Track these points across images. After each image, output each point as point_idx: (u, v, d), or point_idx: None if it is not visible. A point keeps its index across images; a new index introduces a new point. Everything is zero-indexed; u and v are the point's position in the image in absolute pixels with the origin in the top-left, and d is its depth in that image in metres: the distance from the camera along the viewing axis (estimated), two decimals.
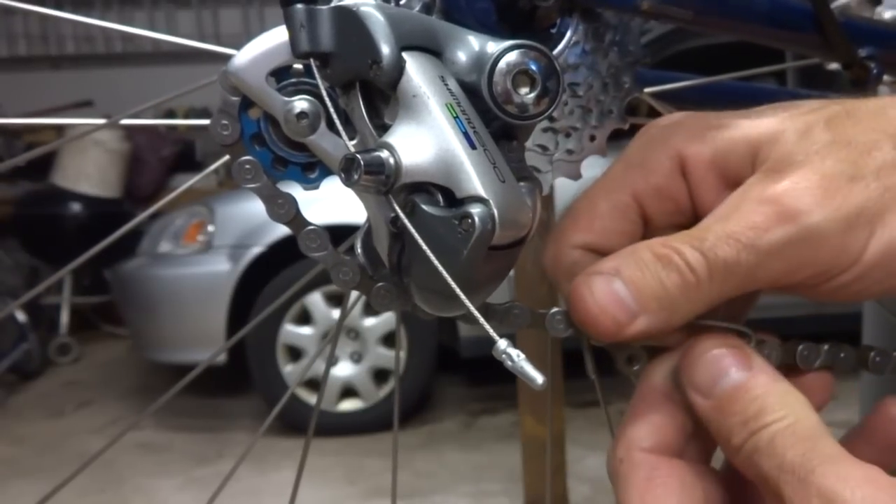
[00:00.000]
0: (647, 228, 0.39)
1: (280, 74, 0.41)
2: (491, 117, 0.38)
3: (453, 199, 0.36)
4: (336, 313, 3.45)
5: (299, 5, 0.38)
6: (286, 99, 0.41)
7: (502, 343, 0.34)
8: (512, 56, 0.37)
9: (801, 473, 0.30)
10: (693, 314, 0.35)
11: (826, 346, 0.38)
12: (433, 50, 0.39)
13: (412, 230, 0.36)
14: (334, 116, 0.39)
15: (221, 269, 3.43)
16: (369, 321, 3.44)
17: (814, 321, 3.55)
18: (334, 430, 3.34)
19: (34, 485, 3.02)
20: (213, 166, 0.70)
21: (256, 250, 3.40)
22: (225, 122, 0.42)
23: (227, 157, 0.43)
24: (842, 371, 0.38)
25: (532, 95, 0.37)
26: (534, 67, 0.37)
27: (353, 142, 0.39)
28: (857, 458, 0.31)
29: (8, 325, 4.24)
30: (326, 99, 0.39)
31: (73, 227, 4.62)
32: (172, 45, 0.67)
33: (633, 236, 0.38)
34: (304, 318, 3.44)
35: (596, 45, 0.50)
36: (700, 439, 0.36)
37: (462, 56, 0.39)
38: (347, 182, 0.36)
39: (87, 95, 5.51)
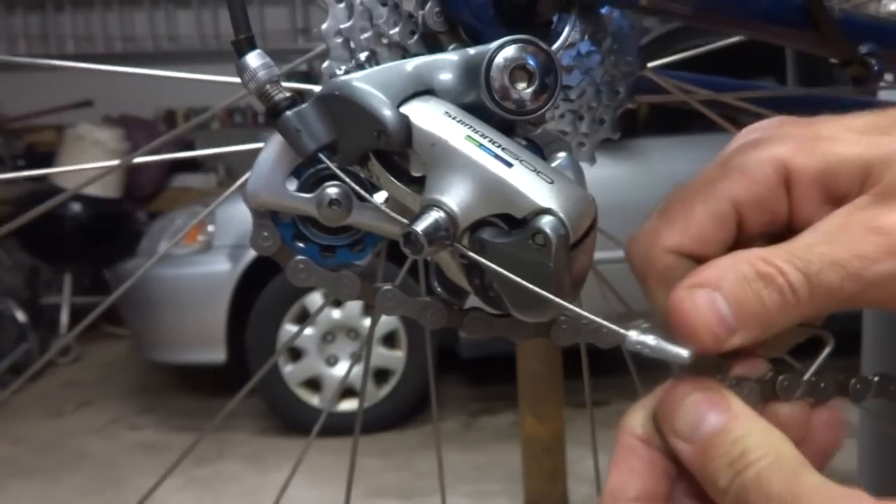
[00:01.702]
0: (739, 234, 0.38)
1: (297, 171, 0.41)
2: (491, 114, 0.38)
3: (514, 221, 0.36)
4: (336, 313, 3.45)
5: (287, 113, 0.38)
6: (311, 196, 0.41)
7: (633, 334, 0.33)
8: (509, 51, 0.37)
9: (789, 502, 0.31)
10: (787, 328, 0.35)
11: (805, 377, 0.38)
12: (423, 90, 0.38)
13: (495, 267, 0.36)
14: (364, 194, 0.39)
15: (221, 269, 3.43)
16: (369, 321, 3.43)
17: None
18: (334, 430, 3.32)
19: (33, 484, 3.02)
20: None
21: None
22: (265, 234, 0.42)
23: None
24: (823, 400, 0.38)
25: (529, 91, 0.37)
26: (531, 62, 0.37)
27: (381, 194, 0.39)
28: None
29: (8, 325, 4.23)
30: (349, 182, 0.39)
31: (73, 227, 4.62)
32: (173, 45, 0.66)
33: (728, 244, 0.38)
34: (304, 318, 3.43)
35: (593, 49, 0.50)
36: (686, 481, 0.36)
37: (451, 77, 0.39)
38: (417, 255, 0.36)
39: (87, 95, 5.49)
